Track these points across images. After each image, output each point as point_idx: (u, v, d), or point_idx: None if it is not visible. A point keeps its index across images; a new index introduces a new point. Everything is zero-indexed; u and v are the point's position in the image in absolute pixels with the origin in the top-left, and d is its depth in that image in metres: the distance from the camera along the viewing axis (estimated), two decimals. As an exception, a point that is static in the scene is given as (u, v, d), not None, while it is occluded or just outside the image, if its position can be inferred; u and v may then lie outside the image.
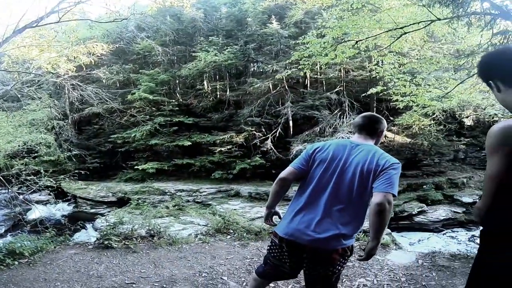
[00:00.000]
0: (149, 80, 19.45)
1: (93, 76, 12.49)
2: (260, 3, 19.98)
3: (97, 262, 5.30)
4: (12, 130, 13.28)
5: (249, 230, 6.45)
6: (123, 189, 16.48)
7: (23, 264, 5.36)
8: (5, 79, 9.79)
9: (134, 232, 6.36)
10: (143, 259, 5.31)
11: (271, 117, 18.06)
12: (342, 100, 17.43)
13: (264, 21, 19.25)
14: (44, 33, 10.29)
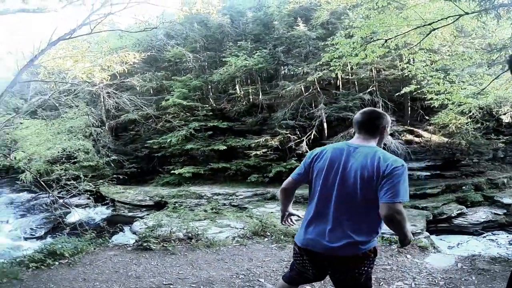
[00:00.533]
0: (182, 86, 19.75)
1: (127, 84, 12.81)
2: (285, 6, 19.94)
3: (136, 263, 5.42)
4: (51, 137, 13.77)
5: (286, 233, 6.45)
6: (160, 193, 16.76)
7: (63, 264, 5.53)
8: (42, 89, 10.20)
9: (173, 234, 6.46)
10: (181, 261, 5.38)
11: (305, 119, 17.88)
12: (376, 101, 17.08)
13: (291, 23, 19.17)
14: (76, 44, 10.67)
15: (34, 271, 5.30)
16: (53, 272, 5.24)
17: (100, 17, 8.43)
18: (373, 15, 8.37)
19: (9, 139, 10.46)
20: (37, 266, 5.44)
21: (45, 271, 5.30)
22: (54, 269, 5.36)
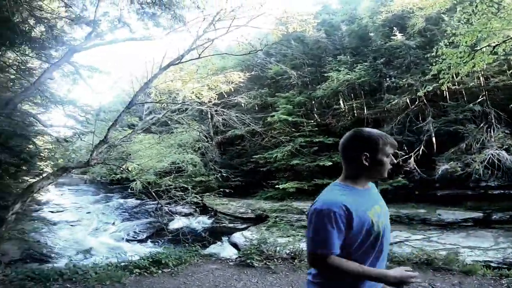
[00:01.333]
0: (286, 102, 20.00)
1: (233, 101, 13.35)
2: (378, 16, 19.00)
3: (236, 279, 5.52)
4: (162, 151, 14.85)
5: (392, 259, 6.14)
6: (262, 206, 16.98)
7: (165, 273, 5.84)
8: (155, 108, 11.10)
9: (277, 253, 6.49)
10: (282, 281, 5.37)
11: (412, 134, 16.80)
12: (487, 111, 15.37)
13: (387, 34, 18.27)
14: (183, 66, 11.49)
15: (137, 277, 5.71)
16: (155, 280, 5.58)
17: (204, 42, 9.00)
18: (475, 20, 7.78)
19: (125, 152, 11.46)
20: (140, 272, 5.87)
21: (148, 278, 5.67)
22: (156, 277, 5.72)
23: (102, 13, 9.16)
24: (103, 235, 13.68)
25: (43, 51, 8.81)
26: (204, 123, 21.04)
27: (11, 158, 7.82)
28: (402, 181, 15.56)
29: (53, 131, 10.96)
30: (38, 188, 7.67)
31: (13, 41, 7.11)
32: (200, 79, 11.23)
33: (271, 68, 21.44)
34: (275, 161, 18.67)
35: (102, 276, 5.49)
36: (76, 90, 72.52)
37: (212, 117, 12.97)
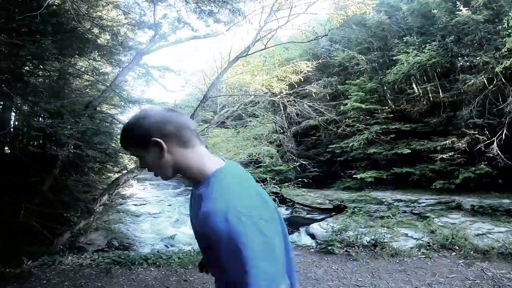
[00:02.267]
0: (358, 90, 19.44)
1: (303, 92, 13.19)
2: None
3: (317, 265, 5.48)
4: (239, 144, 15.06)
5: (477, 248, 5.77)
6: (340, 197, 16.70)
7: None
8: (227, 103, 11.29)
9: (358, 240, 6.36)
10: (362, 268, 5.26)
11: (493, 117, 15.39)
12: None
13: (451, 9, 16.65)
14: (250, 60, 11.52)
15: None
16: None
17: (267, 32, 8.96)
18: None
19: (203, 146, 11.69)
20: (222, 257, 6.00)
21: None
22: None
23: (161, 15, 9.66)
24: (183, 226, 14.11)
25: (111, 57, 9.34)
26: (277, 114, 21.03)
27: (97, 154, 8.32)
28: (484, 169, 14.47)
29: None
30: (124, 181, 8.16)
31: (82, 50, 7.56)
32: (268, 70, 11.24)
33: (337, 56, 20.88)
34: (352, 150, 18.24)
35: (184, 260, 5.71)
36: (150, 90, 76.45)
37: (285, 108, 12.93)
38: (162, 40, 9.76)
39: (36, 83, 7.58)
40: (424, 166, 16.36)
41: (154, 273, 5.28)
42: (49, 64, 7.77)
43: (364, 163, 18.81)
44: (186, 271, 5.35)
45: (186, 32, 9.71)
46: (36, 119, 6.87)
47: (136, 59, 9.33)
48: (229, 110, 10.88)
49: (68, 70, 8.88)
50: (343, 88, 21.05)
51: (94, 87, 11.31)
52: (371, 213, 13.08)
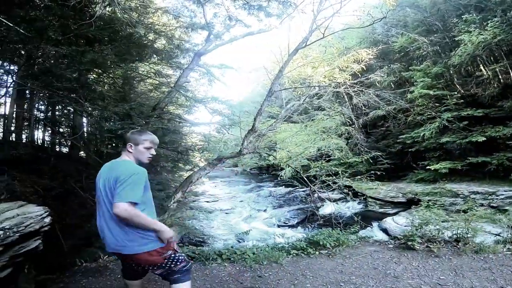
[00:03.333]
0: (423, 76, 18.28)
1: (367, 81, 12.72)
2: None
3: (396, 262, 5.26)
4: (307, 138, 14.90)
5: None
6: (414, 190, 15.96)
7: (323, 254, 5.81)
8: (292, 96, 11.20)
9: (439, 235, 6.04)
10: (444, 265, 4.99)
11: None
12: None
13: None
14: (308, 53, 11.29)
15: (294, 258, 5.76)
16: (312, 261, 5.56)
17: (322, 21, 8.67)
18: None
19: (272, 141, 11.73)
20: (297, 253, 5.92)
21: (304, 259, 5.68)
22: (313, 258, 5.70)
23: (212, 15, 9.66)
24: (255, 221, 14.27)
25: (170, 60, 9.57)
26: (343, 106, 20.54)
27: (169, 153, 8.52)
28: None
29: (200, 128, 11.87)
30: (196, 178, 8.31)
31: (141, 55, 7.79)
32: (328, 61, 10.99)
33: (396, 41, 19.93)
34: (423, 140, 17.11)
35: (259, 256, 5.66)
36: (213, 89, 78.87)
37: (351, 99, 12.57)
38: (217, 39, 9.85)
39: (102, 90, 7.92)
40: (501, 154, 14.85)
41: (228, 268, 5.27)
42: (112, 71, 8.06)
43: (437, 153, 17.57)
44: (260, 267, 5.30)
45: (240, 29, 9.93)
46: (107, 123, 7.11)
47: (195, 60, 9.49)
48: (295, 104, 10.73)
49: (131, 75, 9.15)
50: (407, 74, 19.88)
51: (158, 90, 11.68)
52: (446, 206, 12.47)
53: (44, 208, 3.71)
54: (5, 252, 2.91)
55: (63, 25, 5.42)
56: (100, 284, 4.63)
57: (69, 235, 5.92)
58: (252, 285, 4.56)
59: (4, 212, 3.28)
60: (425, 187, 15.79)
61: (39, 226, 3.38)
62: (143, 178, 2.79)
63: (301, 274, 4.97)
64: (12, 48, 5.66)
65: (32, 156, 7.07)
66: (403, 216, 12.00)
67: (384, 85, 19.31)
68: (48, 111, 9.96)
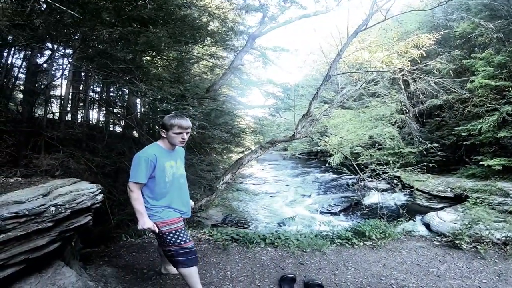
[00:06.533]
0: (485, 64, 17.22)
1: (426, 68, 12.22)
2: None
3: (440, 260, 5.14)
4: (359, 125, 14.63)
5: None
6: (463, 185, 15.23)
7: (367, 246, 5.76)
8: (349, 81, 11.01)
9: (489, 236, 5.81)
10: (488, 268, 4.81)
11: None
12: None
13: None
14: (365, 37, 10.93)
15: (338, 247, 5.74)
16: (356, 252, 5.53)
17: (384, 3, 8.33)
18: None
19: (324, 127, 11.63)
20: (341, 242, 5.89)
21: (348, 249, 5.65)
22: (357, 249, 5.66)
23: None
24: (299, 206, 14.29)
25: (224, 42, 9.56)
26: (399, 94, 19.89)
27: (222, 134, 8.66)
28: None
29: (253, 111, 11.95)
30: (247, 160, 8.41)
31: (195, 37, 7.79)
32: (387, 45, 10.62)
33: (458, 26, 18.82)
34: (479, 133, 16.25)
35: (303, 243, 5.68)
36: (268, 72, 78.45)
37: (408, 86, 12.14)
38: (272, 21, 9.79)
39: (157, 71, 8.13)
40: None
41: (271, 253, 5.33)
42: (166, 53, 8.21)
43: (492, 148, 16.58)
44: (303, 254, 5.33)
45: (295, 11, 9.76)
46: (161, 104, 7.31)
47: (249, 43, 9.49)
48: (351, 90, 10.54)
49: (186, 57, 9.30)
50: (468, 62, 18.77)
51: (212, 72, 11.82)
52: (494, 205, 11.81)
53: (96, 185, 3.85)
54: (56, 227, 3.05)
55: (117, 7, 5.52)
56: (142, 260, 4.83)
57: (117, 210, 6.21)
58: (292, 271, 4.59)
59: (58, 189, 3.44)
60: (475, 184, 15.10)
61: (90, 203, 3.52)
62: (142, 161, 3.12)
63: (343, 264, 4.97)
64: (67, 31, 5.84)
65: (87, 135, 7.43)
66: (448, 212, 11.69)
67: (443, 73, 18.35)
68: (103, 92, 10.36)
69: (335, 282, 4.36)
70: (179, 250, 3.28)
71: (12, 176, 4.09)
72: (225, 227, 9.16)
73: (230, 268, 4.70)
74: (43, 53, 7.15)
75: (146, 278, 4.17)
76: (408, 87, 16.57)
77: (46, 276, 3.17)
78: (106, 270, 4.26)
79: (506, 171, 15.11)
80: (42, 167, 4.52)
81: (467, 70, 18.84)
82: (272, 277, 4.45)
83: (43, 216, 2.89)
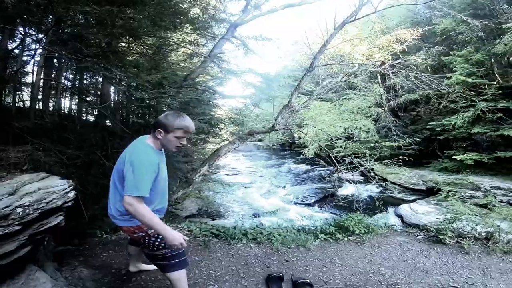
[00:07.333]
0: (463, 62, 17.53)
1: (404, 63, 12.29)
2: None
3: (426, 255, 5.13)
4: (335, 117, 14.65)
5: None
6: (436, 178, 15.72)
7: (351, 241, 5.70)
8: (330, 73, 10.97)
9: (471, 231, 5.83)
10: (473, 263, 4.82)
11: None
12: None
13: None
14: (348, 29, 10.88)
15: (322, 242, 5.65)
16: (341, 247, 5.45)
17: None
18: None
19: (299, 118, 11.57)
20: (325, 238, 5.80)
21: (333, 245, 5.57)
22: (341, 244, 5.59)
23: None
24: (273, 197, 14.33)
25: (204, 30, 9.32)
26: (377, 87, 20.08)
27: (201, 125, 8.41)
28: None
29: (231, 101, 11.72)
30: (225, 152, 8.24)
31: (174, 23, 7.50)
32: (369, 39, 10.62)
33: (439, 23, 19.07)
34: (453, 128, 16.67)
35: (286, 238, 5.57)
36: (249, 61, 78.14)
37: (385, 81, 12.19)
38: (256, 10, 9.54)
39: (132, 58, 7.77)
40: (533, 151, 14.47)
41: (254, 250, 5.19)
42: (143, 39, 7.86)
43: (465, 143, 17.19)
44: (288, 250, 5.21)
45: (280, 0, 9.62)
46: (136, 92, 6.99)
47: (230, 31, 9.27)
48: (331, 82, 10.46)
49: (164, 43, 8.97)
50: (446, 59, 19.09)
51: (191, 61, 11.50)
52: (465, 198, 12.14)
53: (68, 181, 3.54)
54: (24, 230, 2.76)
55: (93, -14, 5.16)
56: (120, 259, 4.57)
57: (91, 204, 5.91)
58: (278, 269, 4.45)
59: (25, 186, 3.11)
60: (447, 177, 15.61)
61: (61, 202, 3.22)
62: (151, 169, 2.66)
63: (330, 261, 4.87)
64: (39, 12, 5.46)
65: (58, 125, 7.03)
66: (420, 204, 12.05)
67: (422, 68, 18.64)
68: (75, 79, 9.94)
69: (324, 280, 4.25)
70: (171, 253, 2.94)
71: (-24, 171, 3.72)
72: (201, 220, 9.00)
73: (214, 266, 4.52)
74: (14, 37, 6.73)
75: (126, 280, 3.92)
76: (385, 81, 16.69)
77: (19, 283, 2.88)
78: (83, 272, 3.97)
79: (477, 166, 15.59)
80: (9, 160, 4.15)
81: (445, 66, 19.19)
82: (258, 275, 4.29)
83: (9, 219, 2.60)
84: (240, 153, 31.23)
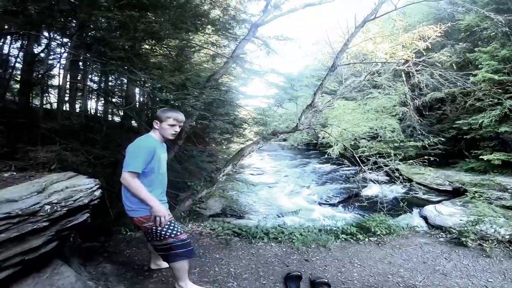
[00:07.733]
0: (489, 58, 17.02)
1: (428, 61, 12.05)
2: None
3: (446, 258, 5.06)
4: (360, 116, 14.50)
5: None
6: (462, 179, 15.25)
7: (372, 242, 5.67)
8: (353, 72, 10.88)
9: (494, 234, 5.71)
10: (494, 267, 4.73)
11: None
12: None
13: None
14: (370, 27, 10.76)
15: (342, 243, 5.65)
16: (361, 248, 5.44)
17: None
18: None
19: (325, 118, 11.52)
20: (346, 238, 5.80)
21: (353, 245, 5.56)
22: (362, 245, 5.58)
23: None
24: (297, 197, 14.28)
25: (226, 31, 9.37)
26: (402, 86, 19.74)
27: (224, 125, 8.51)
28: None
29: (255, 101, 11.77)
30: (248, 152, 8.29)
31: (196, 25, 7.58)
32: (391, 37, 10.48)
33: (463, 19, 18.59)
34: (480, 127, 16.15)
35: (307, 238, 5.59)
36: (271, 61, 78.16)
37: (410, 79, 12.00)
38: (276, 10, 9.56)
39: (157, 60, 7.93)
40: (563, 152, 13.91)
41: (275, 249, 5.23)
42: (166, 41, 8.00)
43: (492, 143, 16.55)
44: (308, 250, 5.24)
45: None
46: (161, 93, 7.13)
47: (251, 31, 9.30)
48: (355, 81, 10.40)
49: (187, 45, 9.10)
50: (472, 56, 18.59)
51: (214, 62, 11.63)
52: (491, 200, 11.80)
53: (94, 180, 3.69)
54: (51, 226, 2.89)
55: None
56: (143, 256, 4.68)
57: (116, 202, 6.07)
58: (297, 269, 4.48)
59: (53, 184, 3.25)
60: (474, 177, 15.13)
61: (88, 200, 3.35)
62: (144, 151, 3.13)
63: (349, 261, 4.87)
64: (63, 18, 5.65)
65: (84, 126, 7.27)
66: (445, 205, 11.67)
67: (446, 66, 18.18)
68: (101, 81, 10.19)
69: (342, 280, 4.26)
70: (177, 242, 3.27)
71: (7, 170, 3.91)
72: (225, 219, 9.08)
73: (234, 264, 4.58)
74: (40, 42, 6.96)
75: (148, 276, 4.03)
76: (410, 79, 16.39)
77: (44, 276, 3.01)
78: (106, 268, 4.11)
79: (505, 166, 15.07)
80: (38, 160, 4.34)
81: (470, 63, 18.66)
82: (277, 274, 4.34)
83: (38, 215, 2.73)
84: (265, 152, 31.23)
